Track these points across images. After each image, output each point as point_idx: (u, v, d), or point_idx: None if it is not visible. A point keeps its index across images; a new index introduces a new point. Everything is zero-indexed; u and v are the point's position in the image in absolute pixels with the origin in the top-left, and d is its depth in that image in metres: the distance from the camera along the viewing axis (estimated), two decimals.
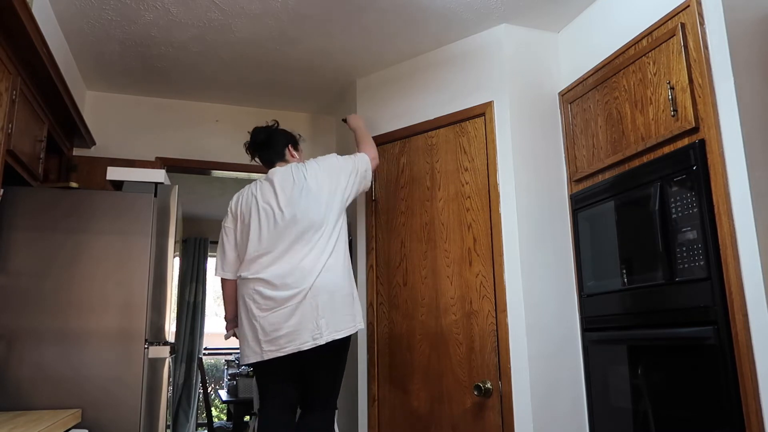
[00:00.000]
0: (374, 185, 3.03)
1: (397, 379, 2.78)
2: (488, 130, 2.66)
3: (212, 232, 6.90)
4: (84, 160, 3.18)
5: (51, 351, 2.17)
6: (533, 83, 2.70)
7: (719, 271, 1.81)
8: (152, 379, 2.28)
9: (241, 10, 2.56)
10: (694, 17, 1.96)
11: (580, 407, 2.44)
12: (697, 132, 1.94)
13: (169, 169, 3.42)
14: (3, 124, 1.90)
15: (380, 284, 2.93)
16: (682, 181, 1.94)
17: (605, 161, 2.35)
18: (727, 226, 1.80)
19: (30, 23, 1.85)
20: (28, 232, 2.23)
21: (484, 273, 2.57)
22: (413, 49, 2.94)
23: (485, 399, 2.47)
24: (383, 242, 2.95)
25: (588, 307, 2.43)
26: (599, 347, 2.36)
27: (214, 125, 3.60)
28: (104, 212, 2.33)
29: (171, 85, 3.33)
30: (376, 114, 3.12)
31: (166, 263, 2.39)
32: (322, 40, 2.85)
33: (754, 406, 1.68)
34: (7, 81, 1.94)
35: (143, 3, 2.50)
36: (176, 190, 2.50)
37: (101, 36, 2.77)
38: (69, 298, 2.23)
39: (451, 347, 2.61)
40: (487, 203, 2.61)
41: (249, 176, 3.76)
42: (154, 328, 2.32)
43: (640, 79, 2.20)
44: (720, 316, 1.79)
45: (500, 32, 2.71)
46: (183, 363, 6.42)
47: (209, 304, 7.19)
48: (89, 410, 2.16)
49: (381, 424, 2.78)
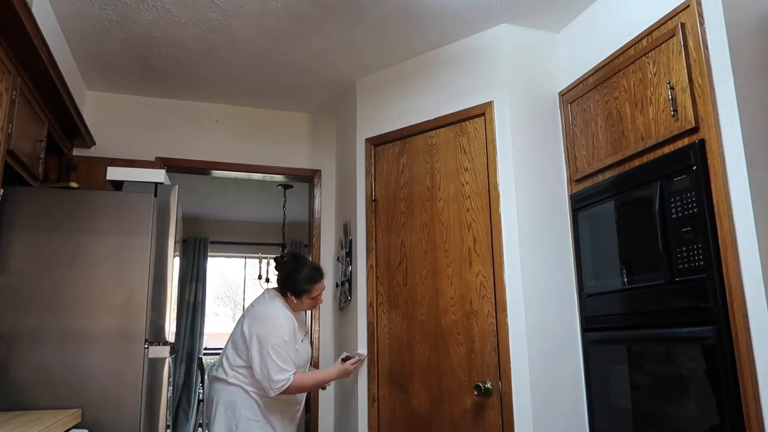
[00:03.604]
0: (374, 185, 3.03)
1: (396, 378, 2.78)
2: (488, 130, 2.66)
3: (212, 232, 6.91)
4: (84, 160, 3.17)
5: (51, 351, 2.17)
6: (533, 83, 2.70)
7: (719, 271, 1.81)
8: (152, 379, 2.28)
9: (241, 10, 2.56)
10: (694, 17, 1.96)
11: (580, 407, 2.44)
12: (697, 132, 1.94)
13: (169, 169, 3.42)
14: (3, 124, 1.90)
15: (380, 284, 2.93)
16: (682, 181, 1.94)
17: (605, 161, 2.35)
18: (727, 226, 1.80)
19: (30, 23, 1.84)
20: (28, 232, 2.23)
21: (484, 273, 2.57)
22: (413, 49, 2.94)
23: (485, 399, 2.47)
24: (383, 242, 2.95)
25: (588, 307, 2.43)
26: (599, 347, 2.36)
27: (214, 125, 3.60)
28: (104, 212, 2.33)
29: (171, 85, 3.32)
30: (376, 114, 3.11)
31: (166, 263, 2.39)
32: (322, 40, 2.85)
33: (754, 406, 1.68)
34: (7, 81, 1.93)
35: (143, 3, 2.50)
36: (176, 190, 2.50)
37: (101, 36, 2.77)
38: (69, 298, 2.23)
39: (451, 347, 2.61)
40: (487, 203, 2.61)
41: (249, 176, 3.77)
42: (154, 328, 2.32)
43: (640, 79, 2.20)
44: (720, 316, 1.79)
45: (500, 32, 2.71)
46: (183, 363, 6.42)
47: (209, 304, 7.19)
48: (89, 410, 2.15)
49: (381, 424, 2.78)
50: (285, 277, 2.57)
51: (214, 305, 8.38)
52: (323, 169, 3.77)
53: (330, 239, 3.65)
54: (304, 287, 2.54)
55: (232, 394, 2.44)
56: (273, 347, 2.38)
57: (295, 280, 2.53)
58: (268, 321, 2.45)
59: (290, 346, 2.45)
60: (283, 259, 2.61)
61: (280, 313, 2.48)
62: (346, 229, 3.28)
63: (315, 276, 2.56)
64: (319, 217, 3.69)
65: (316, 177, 3.75)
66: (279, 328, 2.43)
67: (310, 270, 2.57)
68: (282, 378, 2.37)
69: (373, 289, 2.94)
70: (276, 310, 2.49)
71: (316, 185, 3.74)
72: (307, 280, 2.54)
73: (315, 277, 2.56)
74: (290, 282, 2.55)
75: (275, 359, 2.37)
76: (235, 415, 2.41)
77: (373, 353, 2.87)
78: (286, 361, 2.40)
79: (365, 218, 3.04)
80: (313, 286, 2.55)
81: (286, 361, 2.40)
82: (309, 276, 2.54)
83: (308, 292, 2.55)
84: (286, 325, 2.46)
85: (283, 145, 3.72)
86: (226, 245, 7.01)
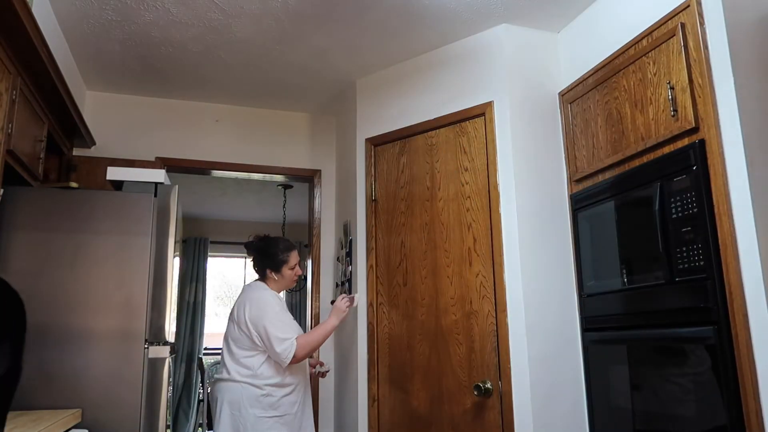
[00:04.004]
0: (374, 185, 3.03)
1: (396, 379, 2.78)
2: (488, 130, 2.66)
3: (212, 232, 6.91)
4: (84, 160, 3.17)
5: (51, 351, 2.17)
6: (533, 83, 2.70)
7: (719, 271, 1.80)
8: (152, 379, 2.28)
9: (241, 10, 2.56)
10: (694, 17, 1.96)
11: (580, 407, 2.43)
12: (697, 132, 1.94)
13: (169, 169, 3.42)
14: (3, 124, 1.90)
15: (380, 284, 2.93)
16: (682, 181, 1.94)
17: (605, 161, 2.35)
18: (727, 226, 1.80)
19: (30, 23, 1.84)
20: (28, 232, 2.23)
21: (484, 273, 2.57)
22: (413, 49, 2.94)
23: (485, 399, 2.47)
24: (383, 242, 2.95)
25: (588, 307, 2.43)
26: (599, 347, 2.36)
27: (214, 125, 3.60)
28: (104, 212, 2.33)
29: (171, 85, 3.33)
30: (376, 114, 3.11)
31: (166, 263, 2.39)
32: (322, 40, 2.85)
33: (754, 406, 1.68)
34: (7, 81, 1.93)
35: (143, 3, 2.50)
36: (176, 190, 2.50)
37: (101, 36, 2.77)
38: (69, 298, 2.23)
39: (451, 347, 2.61)
40: (487, 203, 2.61)
41: (249, 176, 3.77)
42: (154, 328, 2.32)
43: (640, 79, 2.20)
44: (720, 316, 1.79)
45: (500, 32, 2.71)
46: (183, 363, 6.42)
47: (209, 304, 7.18)
48: (89, 410, 2.16)
49: (381, 424, 2.78)
50: (261, 255, 2.64)
51: (214, 305, 8.37)
52: (323, 169, 3.77)
53: (330, 239, 3.65)
54: (281, 258, 2.61)
55: (237, 392, 2.41)
56: (268, 322, 2.43)
57: (270, 254, 2.61)
58: (254, 302, 2.51)
59: (286, 314, 2.53)
60: (253, 241, 2.69)
61: (263, 293, 2.56)
62: (346, 229, 3.28)
63: (288, 245, 2.66)
64: (319, 217, 3.69)
65: (316, 177, 3.75)
66: (265, 303, 2.50)
67: (282, 241, 2.68)
68: (285, 347, 2.40)
69: (373, 289, 2.94)
70: (258, 292, 2.57)
71: (316, 185, 3.74)
72: (282, 249, 2.63)
73: (288, 246, 2.66)
74: (267, 258, 2.62)
75: (273, 332, 2.41)
76: (242, 413, 2.38)
77: (373, 353, 2.87)
78: (282, 330, 2.44)
79: (365, 218, 3.04)
80: (289, 254, 2.63)
81: (282, 330, 2.44)
82: (284, 246, 2.65)
83: (286, 261, 2.62)
84: (272, 298, 2.54)
85: (283, 145, 3.72)
86: (226, 245, 7.01)
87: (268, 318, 2.44)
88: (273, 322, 2.43)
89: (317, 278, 3.62)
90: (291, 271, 2.63)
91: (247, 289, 2.62)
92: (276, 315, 2.47)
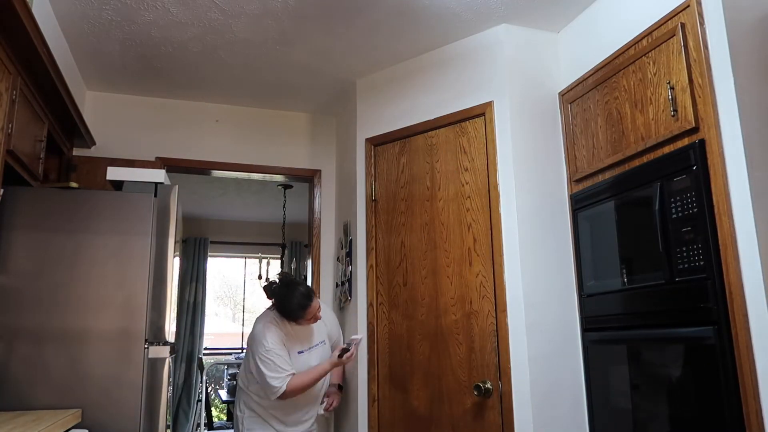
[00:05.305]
0: (374, 185, 3.03)
1: (397, 379, 2.78)
2: (488, 130, 2.66)
3: (212, 232, 6.91)
4: (84, 160, 3.17)
5: (51, 351, 2.17)
6: (533, 83, 2.70)
7: (719, 271, 1.81)
8: (152, 379, 2.28)
9: (241, 10, 2.56)
10: (694, 17, 1.96)
11: (580, 407, 2.44)
12: (697, 132, 1.94)
13: (169, 169, 3.42)
14: (3, 124, 1.90)
15: (380, 284, 2.93)
16: (682, 181, 1.94)
17: (605, 161, 2.35)
18: (727, 226, 1.80)
19: (30, 23, 1.84)
20: (28, 232, 2.23)
21: (484, 273, 2.57)
22: (413, 49, 2.94)
23: (485, 399, 2.47)
24: (383, 242, 2.95)
25: (588, 307, 2.43)
26: (599, 347, 2.36)
27: (214, 125, 3.60)
28: (104, 212, 2.33)
29: (171, 85, 3.33)
30: (376, 114, 3.11)
31: (166, 263, 2.39)
32: (323, 40, 2.85)
33: (754, 406, 1.68)
34: (7, 81, 1.93)
35: (143, 3, 2.50)
36: (176, 190, 2.50)
37: (101, 36, 2.77)
38: (69, 298, 2.23)
39: (451, 347, 2.61)
40: (487, 203, 2.61)
41: (249, 176, 3.77)
42: (154, 328, 2.32)
43: (640, 79, 2.20)
44: (720, 316, 1.79)
45: (500, 32, 2.71)
46: (183, 363, 6.42)
47: (209, 304, 7.19)
48: (89, 410, 2.16)
49: (381, 424, 2.78)
50: (278, 302, 2.60)
51: (214, 305, 8.38)
52: (323, 169, 3.77)
53: (330, 239, 3.65)
54: (296, 314, 2.55)
55: (244, 395, 2.70)
56: (260, 359, 2.50)
57: (286, 309, 2.56)
58: (255, 337, 2.59)
59: (278, 354, 2.50)
60: (272, 287, 2.62)
61: (264, 330, 2.56)
62: (346, 229, 3.28)
63: (304, 303, 2.54)
64: (319, 217, 3.69)
65: (316, 177, 3.75)
66: (262, 341, 2.52)
67: (300, 298, 2.54)
68: (275, 385, 2.47)
69: (373, 289, 2.94)
70: (262, 327, 2.58)
71: (316, 185, 3.74)
72: (297, 309, 2.53)
73: (304, 304, 2.54)
74: (282, 309, 2.58)
75: (264, 370, 2.48)
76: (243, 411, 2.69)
77: (373, 353, 2.87)
78: (274, 369, 2.48)
79: (365, 218, 3.04)
80: (304, 312, 2.54)
81: (274, 369, 2.48)
82: (298, 304, 2.53)
83: (301, 317, 2.56)
84: (270, 338, 2.53)
85: (283, 145, 3.72)
86: (226, 245, 7.02)
87: (260, 355, 2.50)
88: (265, 360, 2.49)
89: (317, 278, 3.62)
90: (307, 321, 2.60)
91: (258, 318, 2.69)
92: (267, 354, 2.49)
